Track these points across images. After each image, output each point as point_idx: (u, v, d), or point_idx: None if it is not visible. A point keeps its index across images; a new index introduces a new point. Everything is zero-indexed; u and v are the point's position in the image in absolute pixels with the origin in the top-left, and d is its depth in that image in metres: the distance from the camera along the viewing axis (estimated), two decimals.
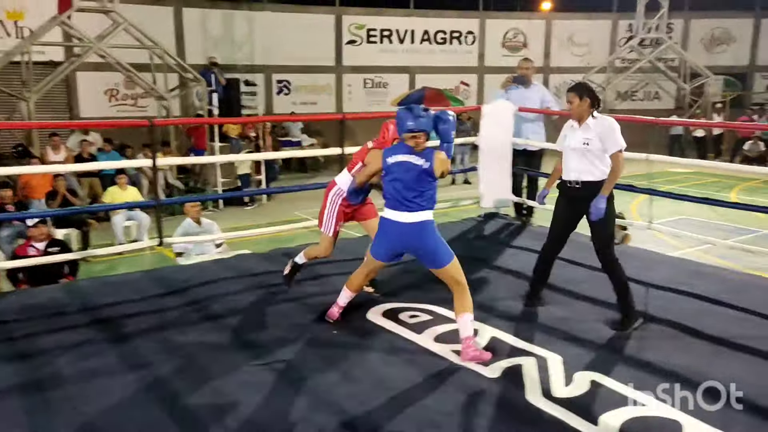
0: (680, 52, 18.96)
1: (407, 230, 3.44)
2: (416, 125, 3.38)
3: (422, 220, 3.43)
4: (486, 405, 2.93)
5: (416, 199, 3.41)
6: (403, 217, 3.42)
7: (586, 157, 3.85)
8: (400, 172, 3.42)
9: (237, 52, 16.30)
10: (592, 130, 3.85)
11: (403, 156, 3.43)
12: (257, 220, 10.08)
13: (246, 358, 3.37)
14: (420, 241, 3.46)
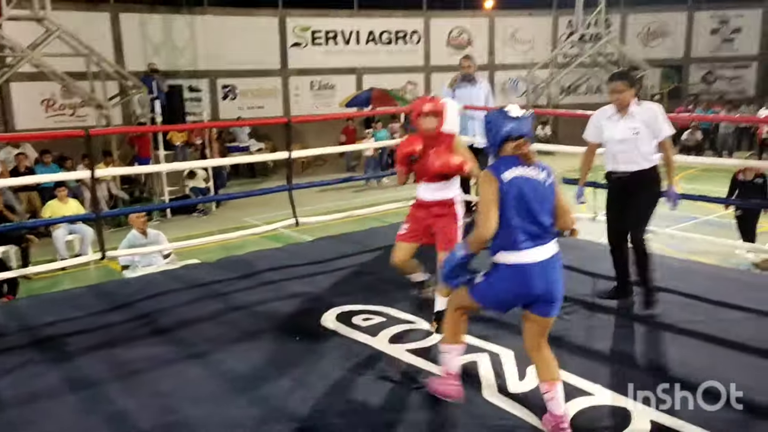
0: (619, 47, 19.51)
1: (544, 269, 2.60)
2: (517, 128, 2.64)
3: (557, 252, 2.65)
4: (442, 404, 2.92)
5: (545, 227, 2.61)
6: (537, 254, 2.60)
7: (635, 147, 3.77)
8: (523, 193, 2.57)
9: (179, 57, 15.97)
10: (637, 118, 3.77)
11: (521, 170, 2.60)
12: (206, 228, 9.89)
13: (196, 370, 3.29)
14: (560, 277, 2.65)
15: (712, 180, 10.41)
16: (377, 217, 8.13)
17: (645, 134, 3.75)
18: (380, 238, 5.78)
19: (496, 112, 2.70)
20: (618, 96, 3.78)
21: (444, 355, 2.93)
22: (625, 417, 2.77)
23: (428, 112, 3.54)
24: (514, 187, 2.56)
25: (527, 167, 2.60)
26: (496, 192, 2.57)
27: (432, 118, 3.56)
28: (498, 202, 2.57)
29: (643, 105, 3.82)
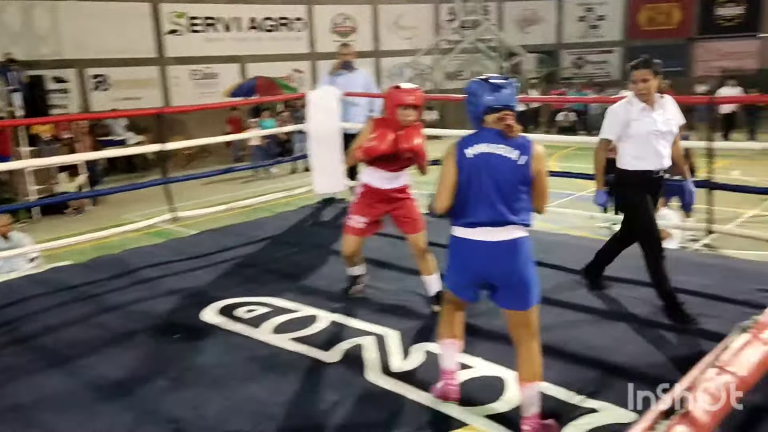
0: (497, 33, 20.30)
1: (496, 252, 2.48)
2: (498, 99, 2.48)
3: (517, 238, 2.48)
4: (326, 390, 2.91)
5: (505, 209, 2.45)
6: (490, 234, 2.48)
7: (668, 141, 3.54)
8: (484, 170, 2.46)
9: (42, 46, 14.76)
10: (667, 108, 3.53)
11: (487, 146, 2.48)
12: (80, 228, 9.25)
13: (61, 379, 3.07)
14: (513, 265, 2.49)
15: (585, 158, 11.08)
16: (266, 208, 7.98)
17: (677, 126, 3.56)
18: (265, 228, 5.68)
19: (478, 82, 2.55)
20: (641, 86, 3.48)
21: (439, 352, 2.85)
22: (501, 385, 2.86)
23: (409, 104, 3.45)
24: (474, 164, 2.46)
25: (498, 144, 2.46)
26: (453, 166, 2.50)
27: (412, 110, 3.48)
28: (455, 176, 2.50)
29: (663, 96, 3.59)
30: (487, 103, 2.49)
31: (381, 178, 3.66)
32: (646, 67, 3.49)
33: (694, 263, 4.50)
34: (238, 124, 15.51)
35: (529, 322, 2.54)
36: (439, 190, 2.54)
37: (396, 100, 3.46)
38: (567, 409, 2.67)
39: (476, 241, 2.48)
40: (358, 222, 3.72)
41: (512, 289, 2.51)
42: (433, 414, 2.69)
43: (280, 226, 5.74)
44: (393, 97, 3.49)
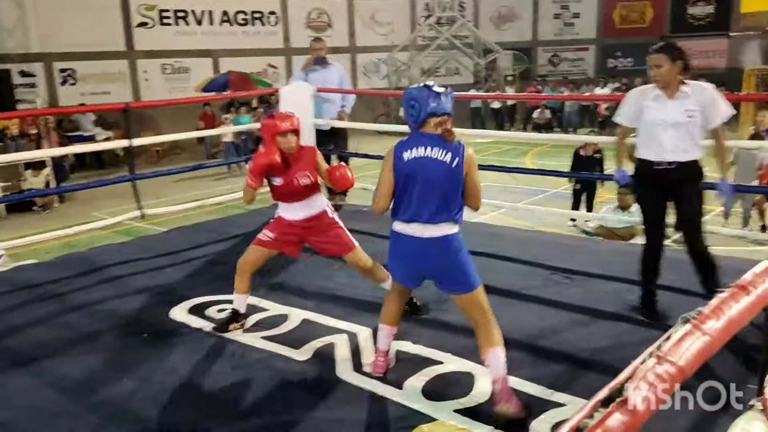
0: (473, 30, 20.39)
1: (428, 247, 2.68)
2: (440, 106, 2.64)
3: (447, 235, 2.68)
4: (296, 388, 2.90)
5: (437, 208, 2.64)
6: (421, 230, 2.67)
7: (688, 132, 3.28)
8: (417, 172, 2.64)
9: (7, 39, 14.41)
10: (692, 98, 3.26)
11: (425, 149, 2.64)
12: (47, 226, 9.07)
13: (23, 380, 3.00)
14: (445, 259, 2.70)
15: (560, 155, 11.22)
16: (238, 205, 7.90)
17: (699, 118, 3.27)
18: (236, 226, 5.63)
19: (420, 89, 2.68)
20: (655, 71, 3.27)
21: (378, 332, 3.05)
22: (470, 380, 2.88)
23: (287, 130, 3.34)
24: (410, 167, 2.64)
25: (434, 147, 2.63)
26: (390, 170, 2.69)
27: (292, 135, 3.36)
28: (392, 179, 2.70)
29: (697, 85, 3.32)
30: (430, 109, 2.64)
31: (290, 209, 3.48)
32: (657, 53, 3.26)
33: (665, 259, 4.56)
34: (211, 120, 15.34)
35: (477, 302, 2.73)
36: (378, 192, 2.75)
37: (273, 130, 3.35)
38: (536, 403, 2.69)
39: (411, 236, 2.70)
40: (265, 234, 3.52)
41: (450, 278, 2.73)
42: (403, 409, 2.70)
43: (253, 223, 5.68)
44: (269, 128, 3.36)
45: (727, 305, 1.54)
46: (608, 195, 8.67)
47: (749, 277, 1.68)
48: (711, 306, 1.49)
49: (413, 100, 2.67)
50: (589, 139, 8.59)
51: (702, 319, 1.40)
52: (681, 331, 1.35)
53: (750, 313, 1.61)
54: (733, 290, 1.62)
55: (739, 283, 1.66)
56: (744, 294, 1.61)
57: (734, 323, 1.51)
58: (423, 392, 2.81)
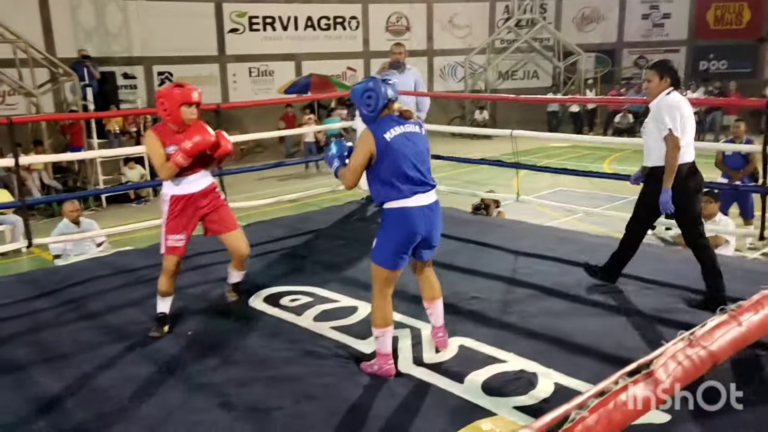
0: (554, 32, 20.04)
1: (433, 210, 2.99)
2: (394, 92, 2.97)
3: (437, 199, 3.04)
4: (360, 375, 3.07)
5: (427, 175, 2.97)
6: (423, 198, 2.94)
7: (648, 141, 3.74)
8: (408, 147, 2.92)
9: (113, 43, 15.53)
10: (652, 111, 3.69)
11: (403, 127, 2.94)
12: (142, 217, 9.75)
13: (123, 353, 3.35)
14: (438, 221, 3.04)
15: (641, 161, 10.86)
16: (313, 203, 8.24)
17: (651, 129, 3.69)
18: (311, 222, 5.90)
19: (375, 81, 2.96)
20: (647, 86, 3.76)
21: (378, 339, 3.07)
22: (532, 380, 2.96)
23: (195, 101, 3.38)
24: (397, 144, 2.89)
25: (405, 125, 2.95)
26: (369, 152, 2.90)
27: (195, 108, 3.41)
28: (366, 160, 2.91)
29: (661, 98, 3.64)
30: (387, 96, 2.93)
31: (188, 181, 3.49)
32: (651, 69, 3.74)
33: (745, 270, 4.41)
34: (291, 120, 15.89)
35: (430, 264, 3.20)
36: (352, 170, 2.96)
37: (181, 98, 3.34)
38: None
39: (420, 206, 2.92)
40: (172, 240, 3.49)
41: (435, 239, 3.06)
42: (463, 403, 2.81)
43: (326, 220, 5.95)
44: (176, 96, 3.35)
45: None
46: None
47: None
48: (751, 300, 1.51)
49: (371, 90, 2.93)
50: None
51: (740, 311, 1.43)
52: (717, 319, 1.39)
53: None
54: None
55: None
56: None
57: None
58: (483, 388, 2.89)
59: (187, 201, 3.50)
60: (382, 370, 3.06)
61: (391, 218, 2.95)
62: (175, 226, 3.50)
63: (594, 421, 1.14)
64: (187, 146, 3.32)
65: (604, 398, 1.16)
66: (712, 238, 6.40)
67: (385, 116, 2.95)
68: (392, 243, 2.95)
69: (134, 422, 2.73)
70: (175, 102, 3.35)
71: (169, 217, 3.50)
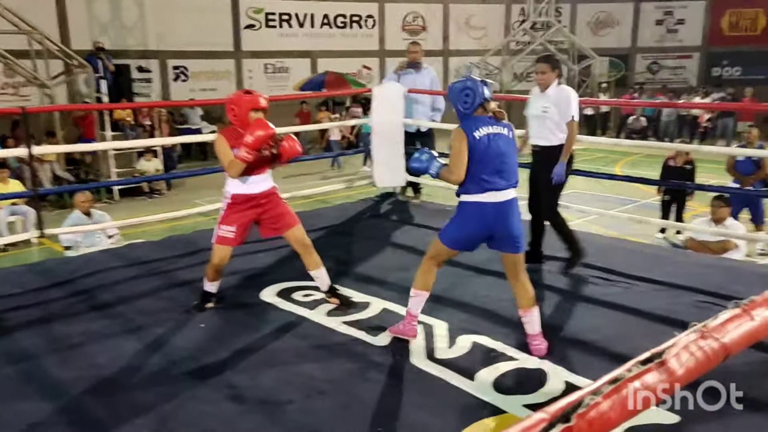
0: (569, 35, 19.97)
1: (506, 209, 3.14)
2: (490, 93, 3.14)
3: (515, 197, 3.18)
4: (371, 370, 3.06)
5: (508, 176, 3.13)
6: (498, 196, 3.11)
7: (541, 124, 4.20)
8: (491, 147, 3.08)
9: (128, 37, 15.61)
10: (549, 99, 4.17)
11: (491, 128, 3.12)
12: (155, 210, 9.81)
13: (133, 344, 3.35)
14: (514, 218, 3.17)
15: (653, 165, 10.85)
16: (326, 199, 8.25)
17: (553, 114, 4.17)
18: (323, 218, 5.89)
19: (473, 80, 3.14)
20: (541, 77, 4.23)
21: (411, 298, 3.31)
22: (543, 378, 2.96)
23: (262, 107, 3.54)
24: (483, 142, 3.07)
25: (495, 126, 3.12)
26: (465, 147, 3.06)
27: (262, 113, 3.55)
28: (466, 154, 3.06)
29: (559, 88, 4.22)
30: (484, 96, 3.11)
31: (251, 182, 3.61)
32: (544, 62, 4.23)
33: (755, 274, 4.41)
34: (306, 117, 15.91)
35: (521, 262, 3.23)
36: (457, 165, 3.10)
37: (251, 104, 3.52)
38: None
39: (491, 203, 3.10)
40: (225, 231, 3.62)
41: (513, 238, 3.16)
42: (473, 400, 2.80)
43: (339, 216, 5.95)
44: (246, 102, 3.53)
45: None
46: (701, 208, 8.34)
47: None
48: (764, 295, 1.50)
49: (468, 89, 3.12)
50: (680, 147, 8.26)
51: (752, 306, 1.43)
52: (729, 313, 1.38)
53: None
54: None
55: None
56: None
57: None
58: (494, 385, 2.89)
59: (247, 200, 3.63)
60: (405, 329, 3.32)
61: (463, 210, 3.17)
62: (230, 219, 3.63)
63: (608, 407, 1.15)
64: (248, 140, 3.42)
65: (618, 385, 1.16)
66: (722, 242, 6.38)
67: (479, 115, 3.13)
68: (456, 229, 3.20)
69: (144, 413, 2.72)
70: (244, 108, 3.53)
71: (227, 211, 3.65)
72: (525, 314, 3.23)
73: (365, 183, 6.91)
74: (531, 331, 3.22)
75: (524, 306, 3.23)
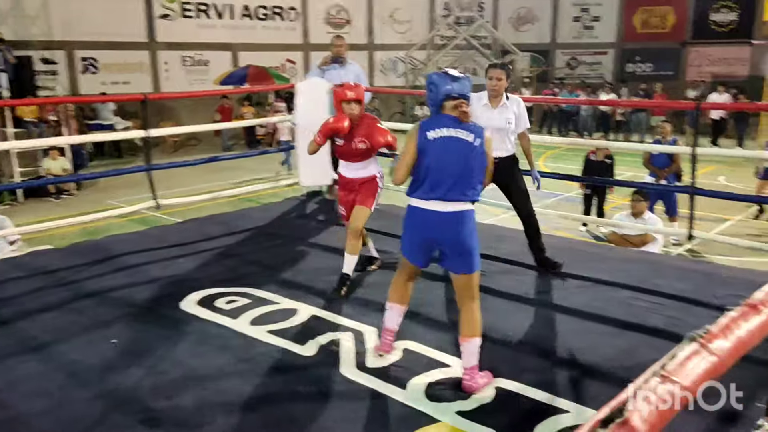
0: (491, 30, 20.31)
1: (446, 220, 2.83)
2: (455, 89, 2.82)
3: (464, 210, 2.85)
4: (299, 383, 2.92)
5: (458, 186, 2.80)
6: (440, 206, 2.82)
7: (504, 136, 4.09)
8: (443, 151, 2.80)
9: (31, 26, 14.57)
10: (509, 109, 4.10)
11: (450, 130, 2.82)
12: (63, 212, 9.19)
13: (34, 364, 3.06)
14: (459, 233, 2.84)
15: (574, 158, 11.16)
16: (251, 198, 7.97)
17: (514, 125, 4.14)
18: (249, 219, 5.67)
19: (438, 73, 2.90)
20: (495, 83, 4.07)
21: (385, 311, 3.16)
22: None
23: (351, 99, 3.91)
24: (437, 145, 2.80)
25: (457, 129, 2.81)
26: (414, 146, 2.84)
27: (355, 104, 3.92)
28: (414, 154, 2.84)
29: (513, 98, 4.18)
30: (446, 91, 2.83)
31: (347, 167, 4.09)
32: (500, 68, 4.07)
33: (674, 267, 4.55)
34: (228, 113, 15.43)
35: (471, 284, 2.91)
36: (399, 165, 2.91)
37: (339, 97, 3.97)
38: (540, 409, 2.70)
39: (432, 210, 2.84)
40: (341, 209, 4.18)
41: (460, 255, 2.86)
42: (405, 409, 2.71)
43: (265, 217, 5.74)
44: (337, 95, 4.01)
45: (737, 325, 1.48)
46: (621, 201, 8.63)
47: (760, 296, 1.61)
48: (720, 325, 1.43)
49: (432, 83, 2.87)
50: (600, 143, 8.53)
51: (709, 338, 1.35)
52: (687, 349, 1.31)
53: (761, 334, 1.53)
54: (744, 309, 1.55)
55: (749, 301, 1.58)
56: (755, 313, 1.54)
57: (744, 344, 1.45)
58: (426, 393, 2.82)
59: (345, 183, 4.10)
60: (381, 345, 3.17)
61: (407, 213, 2.96)
62: (339, 199, 4.19)
63: None
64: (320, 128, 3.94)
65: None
66: (641, 236, 6.61)
67: (444, 114, 2.87)
68: (403, 234, 3.01)
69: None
70: (336, 100, 3.99)
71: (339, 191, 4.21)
72: (463, 342, 2.89)
73: (291, 182, 6.70)
74: (465, 364, 2.87)
75: (463, 334, 2.88)
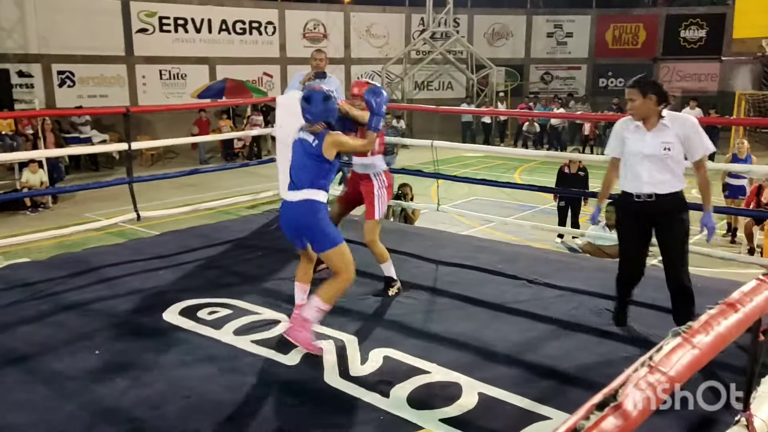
0: (467, 45, 20.62)
1: (294, 208, 3.41)
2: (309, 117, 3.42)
3: (307, 199, 3.37)
4: (284, 393, 2.95)
5: (303, 177, 3.40)
6: (290, 195, 3.42)
7: (665, 165, 3.29)
8: (294, 150, 3.50)
9: (6, 39, 14.44)
10: (670, 131, 3.28)
11: (301, 134, 3.50)
12: (41, 225, 9.09)
13: (17, 376, 3.04)
14: (307, 218, 3.38)
15: (549, 171, 11.37)
16: (230, 210, 7.97)
17: (678, 151, 3.29)
18: (229, 231, 5.68)
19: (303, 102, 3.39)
20: (630, 105, 3.34)
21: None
22: (456, 391, 2.94)
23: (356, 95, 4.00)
24: (295, 145, 3.50)
25: (304, 132, 3.45)
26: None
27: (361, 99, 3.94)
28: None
29: (677, 117, 3.39)
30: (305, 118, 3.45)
31: (356, 163, 4.22)
32: (632, 87, 3.34)
33: (649, 277, 4.63)
34: (205, 126, 15.41)
35: (330, 261, 3.40)
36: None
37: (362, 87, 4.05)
38: (522, 416, 2.74)
39: (285, 200, 3.47)
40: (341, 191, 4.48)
41: (313, 237, 3.41)
42: (390, 417, 2.74)
43: (245, 229, 5.76)
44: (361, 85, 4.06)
45: (716, 321, 1.60)
46: None
47: (737, 296, 1.74)
48: (701, 321, 1.56)
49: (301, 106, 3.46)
50: (574, 156, 8.72)
51: (692, 333, 1.47)
52: (672, 343, 1.42)
53: (738, 330, 1.67)
54: (722, 307, 1.68)
55: (728, 300, 1.71)
56: (732, 311, 1.67)
57: (722, 338, 1.58)
58: (409, 401, 2.85)
59: (353, 175, 4.27)
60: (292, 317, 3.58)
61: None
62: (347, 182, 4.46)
63: None
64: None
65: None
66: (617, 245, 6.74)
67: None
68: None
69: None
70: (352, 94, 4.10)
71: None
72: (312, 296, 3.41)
73: (270, 194, 6.73)
74: (302, 313, 3.36)
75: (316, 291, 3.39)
